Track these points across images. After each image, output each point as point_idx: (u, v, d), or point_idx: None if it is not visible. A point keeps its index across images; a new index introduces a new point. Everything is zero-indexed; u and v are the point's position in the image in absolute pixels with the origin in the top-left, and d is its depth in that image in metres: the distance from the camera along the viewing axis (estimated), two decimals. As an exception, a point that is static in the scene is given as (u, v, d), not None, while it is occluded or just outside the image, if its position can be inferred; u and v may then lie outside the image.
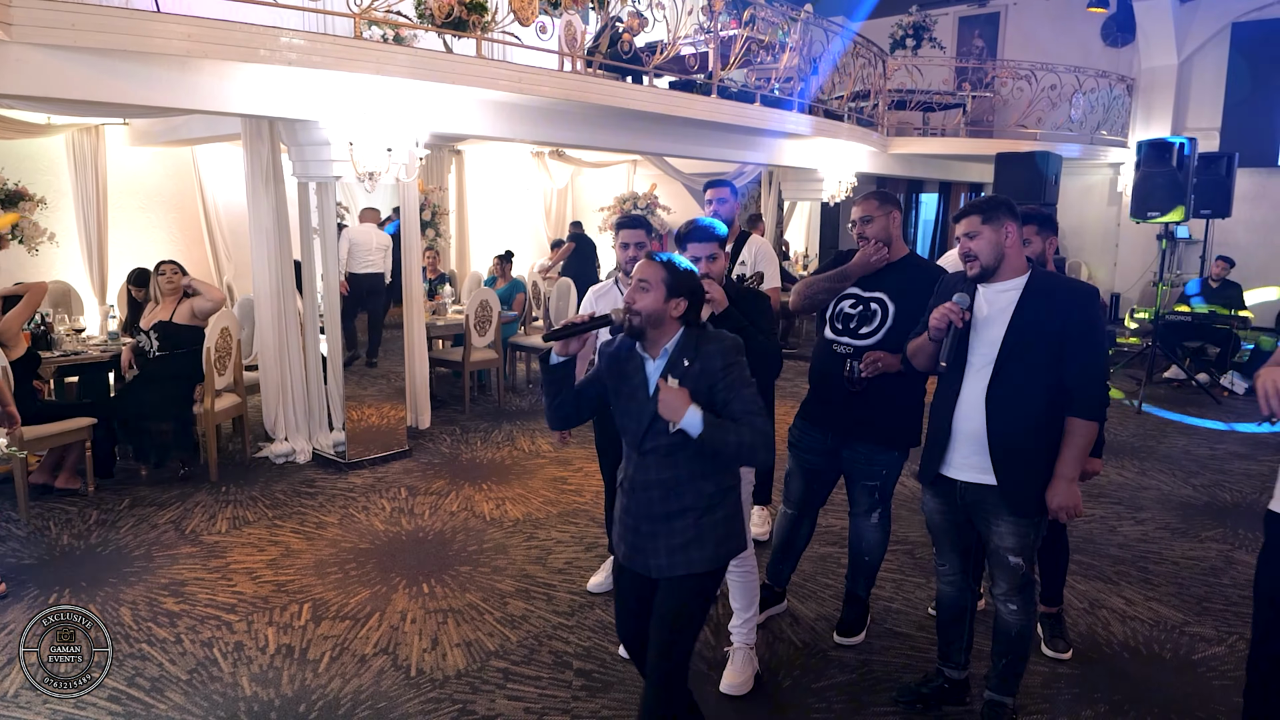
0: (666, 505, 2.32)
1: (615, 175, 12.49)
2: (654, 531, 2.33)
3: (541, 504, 5.06)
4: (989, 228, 2.61)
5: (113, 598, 3.77)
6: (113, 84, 4.45)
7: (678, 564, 2.31)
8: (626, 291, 2.33)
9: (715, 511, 2.33)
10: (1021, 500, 2.63)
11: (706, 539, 2.31)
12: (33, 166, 7.41)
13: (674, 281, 2.28)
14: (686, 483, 2.30)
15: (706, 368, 2.26)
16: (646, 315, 2.27)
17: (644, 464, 2.34)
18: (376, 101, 5.36)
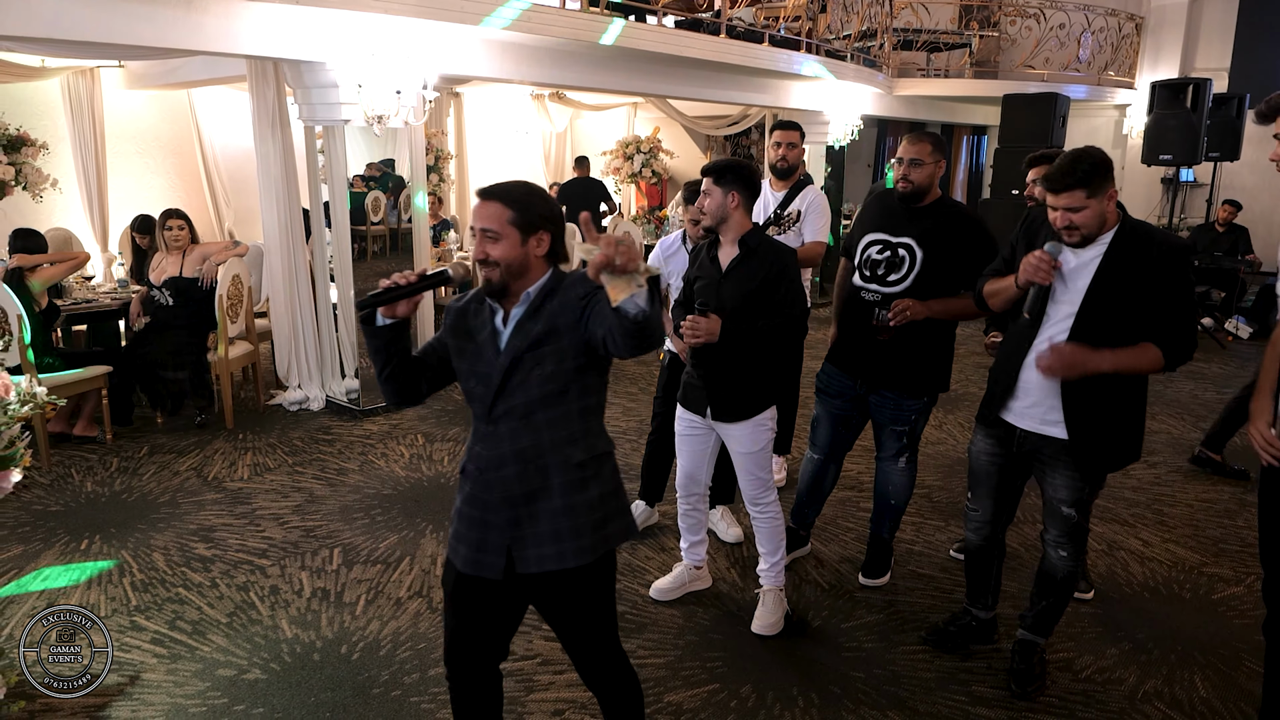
0: (527, 483, 1.91)
1: (615, 118, 12.30)
2: (515, 518, 1.92)
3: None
4: (1095, 199, 2.43)
5: (144, 543, 3.80)
6: (115, 24, 4.33)
7: (547, 557, 1.92)
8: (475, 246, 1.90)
9: (588, 488, 1.94)
10: (1090, 457, 2.60)
11: (582, 526, 1.92)
12: (29, 111, 7.25)
13: (527, 215, 1.87)
14: (549, 450, 1.90)
15: (567, 298, 1.89)
16: (505, 266, 1.86)
17: (495, 435, 1.92)
18: (385, 42, 5.23)
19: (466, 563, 1.98)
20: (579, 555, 1.92)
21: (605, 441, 2.01)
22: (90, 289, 6.11)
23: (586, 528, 1.93)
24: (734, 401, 3.03)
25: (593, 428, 1.97)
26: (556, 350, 1.88)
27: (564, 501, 1.92)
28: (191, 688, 2.80)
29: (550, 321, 1.88)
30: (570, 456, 1.92)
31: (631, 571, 3.62)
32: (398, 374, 2.00)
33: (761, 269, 2.93)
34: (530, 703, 2.75)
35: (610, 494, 2.00)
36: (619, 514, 2.03)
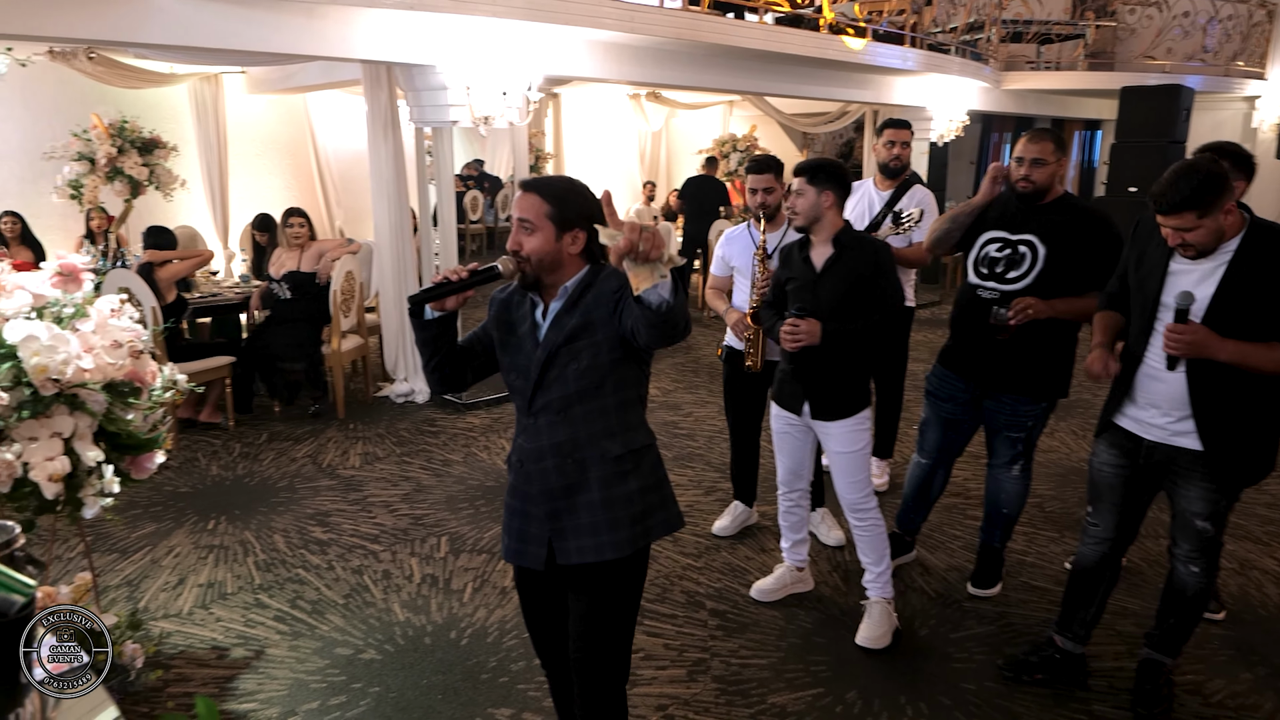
0: (565, 476, 1.91)
1: (711, 117, 12.28)
2: (554, 511, 1.93)
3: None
4: (1209, 218, 2.27)
5: (265, 525, 4.00)
6: (244, 31, 4.57)
7: (586, 549, 1.91)
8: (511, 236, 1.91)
9: (627, 481, 1.92)
10: (1227, 469, 2.46)
11: (620, 518, 1.90)
12: (160, 115, 7.70)
13: (562, 212, 1.86)
14: (587, 444, 1.90)
15: (601, 291, 1.87)
16: (537, 260, 1.87)
17: (535, 428, 1.93)
18: (491, 45, 5.36)
19: (510, 553, 2.04)
20: (616, 548, 1.91)
21: (645, 434, 1.99)
22: (215, 283, 6.45)
23: (624, 521, 1.91)
24: (832, 400, 2.99)
25: (631, 421, 1.94)
26: (592, 344, 1.87)
27: (602, 494, 1.91)
28: (312, 664, 2.93)
29: (586, 315, 1.87)
30: (608, 450, 1.90)
31: (731, 571, 3.60)
32: (444, 364, 2.01)
33: (857, 266, 2.90)
34: (634, 697, 2.77)
35: (650, 487, 1.98)
36: (660, 506, 2.00)
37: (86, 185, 6.38)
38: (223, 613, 3.26)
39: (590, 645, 1.99)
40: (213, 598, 3.37)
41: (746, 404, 3.80)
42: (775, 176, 3.54)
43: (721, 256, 3.76)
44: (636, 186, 12.40)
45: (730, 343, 3.75)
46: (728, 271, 3.75)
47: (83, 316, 2.35)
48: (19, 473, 2.17)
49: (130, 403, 2.43)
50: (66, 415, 2.25)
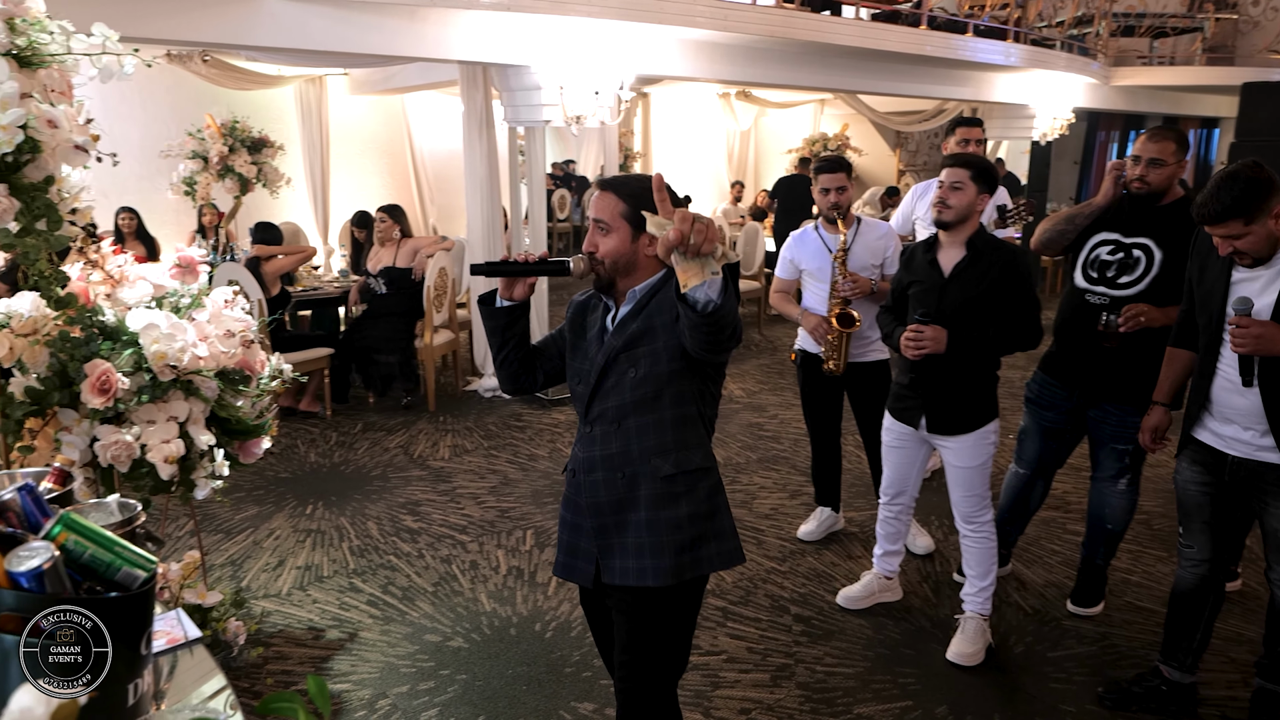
0: (614, 490, 1.82)
1: (801, 116, 12.12)
2: (602, 526, 1.84)
3: (740, 449, 5.08)
4: (1258, 224, 2.19)
5: (359, 512, 4.13)
6: (348, 34, 4.73)
7: (629, 571, 1.81)
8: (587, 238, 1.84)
9: (677, 504, 1.80)
10: None
11: (664, 544, 1.79)
12: (267, 115, 8.04)
13: (638, 211, 1.74)
14: (639, 460, 1.80)
15: (666, 296, 1.78)
16: (611, 262, 1.79)
17: (590, 437, 1.86)
18: (585, 45, 5.40)
19: (559, 567, 1.95)
20: (658, 575, 1.78)
21: (703, 457, 1.83)
22: (316, 278, 6.70)
23: (670, 548, 1.79)
24: (953, 413, 2.87)
25: (688, 440, 1.81)
26: (651, 352, 1.77)
27: (649, 515, 1.79)
28: (402, 649, 3.01)
29: (648, 320, 1.78)
30: (659, 468, 1.79)
31: (817, 577, 3.54)
32: (513, 359, 1.94)
33: (990, 271, 2.76)
34: (716, 698, 2.75)
35: (703, 515, 1.82)
36: (714, 537, 1.84)
37: (199, 182, 6.71)
38: (319, 595, 3.38)
39: (629, 676, 1.87)
40: (310, 580, 3.50)
41: (825, 407, 3.73)
42: (847, 176, 3.49)
43: (789, 259, 3.69)
44: (724, 186, 12.33)
45: (804, 345, 3.68)
46: (795, 274, 3.70)
47: (198, 307, 2.46)
48: (137, 454, 2.29)
49: (240, 390, 2.54)
50: (182, 400, 2.36)
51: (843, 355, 3.47)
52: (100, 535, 1.12)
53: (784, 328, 8.48)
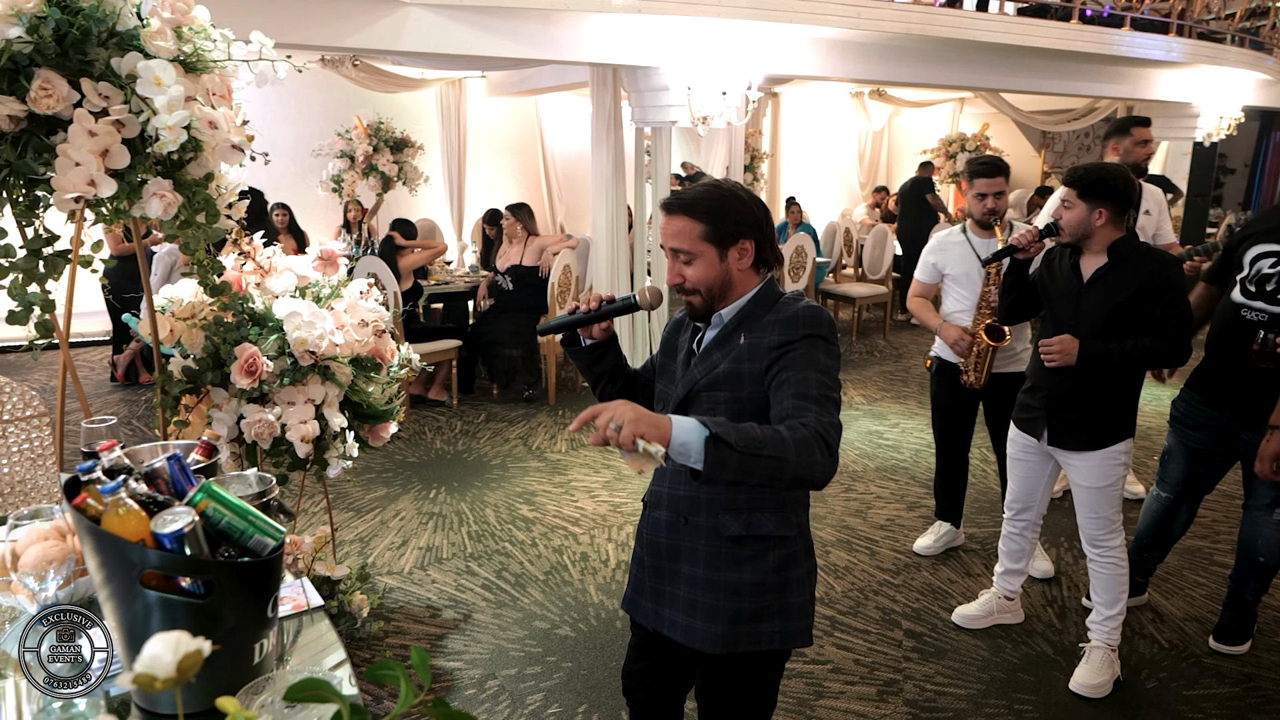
0: (674, 536, 1.68)
1: (938, 115, 11.69)
2: (658, 569, 1.71)
3: (857, 457, 4.96)
4: None
5: (479, 499, 4.29)
6: (486, 38, 4.90)
7: (677, 625, 1.68)
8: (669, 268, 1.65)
9: (740, 570, 1.62)
10: None
11: (719, 608, 1.62)
12: (409, 117, 8.44)
13: (721, 225, 1.57)
14: (705, 510, 1.63)
15: (756, 346, 1.57)
16: (706, 289, 1.60)
17: (663, 471, 1.70)
18: (714, 45, 5.41)
19: (626, 601, 1.83)
20: (706, 641, 1.63)
21: (779, 524, 1.62)
22: (448, 272, 6.99)
23: (724, 615, 1.62)
24: (1079, 428, 2.70)
25: (763, 501, 1.61)
26: (735, 399, 1.58)
27: (707, 574, 1.63)
28: (513, 633, 3.11)
29: (736, 364, 1.58)
30: (725, 526, 1.61)
31: (932, 593, 3.42)
32: (609, 392, 1.82)
33: (1135, 279, 2.56)
34: (819, 708, 2.70)
35: (770, 587, 1.63)
36: (779, 615, 1.64)
37: (346, 180, 7.13)
38: (438, 575, 3.54)
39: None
40: (430, 561, 3.66)
41: (957, 419, 3.59)
42: (1006, 180, 3.31)
43: (933, 264, 3.53)
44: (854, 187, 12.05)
45: (940, 353, 3.55)
46: (937, 278, 3.54)
47: (337, 297, 2.62)
48: (278, 432, 2.46)
49: (371, 376, 2.69)
50: (319, 384, 2.52)
51: (985, 369, 3.32)
52: (236, 505, 1.22)
53: (910, 334, 8.22)
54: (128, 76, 1.94)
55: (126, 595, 1.11)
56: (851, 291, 7.97)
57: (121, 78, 1.94)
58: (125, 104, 1.93)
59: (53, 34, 1.87)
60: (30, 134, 1.92)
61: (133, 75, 1.93)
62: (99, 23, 1.92)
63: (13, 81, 1.87)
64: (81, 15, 1.90)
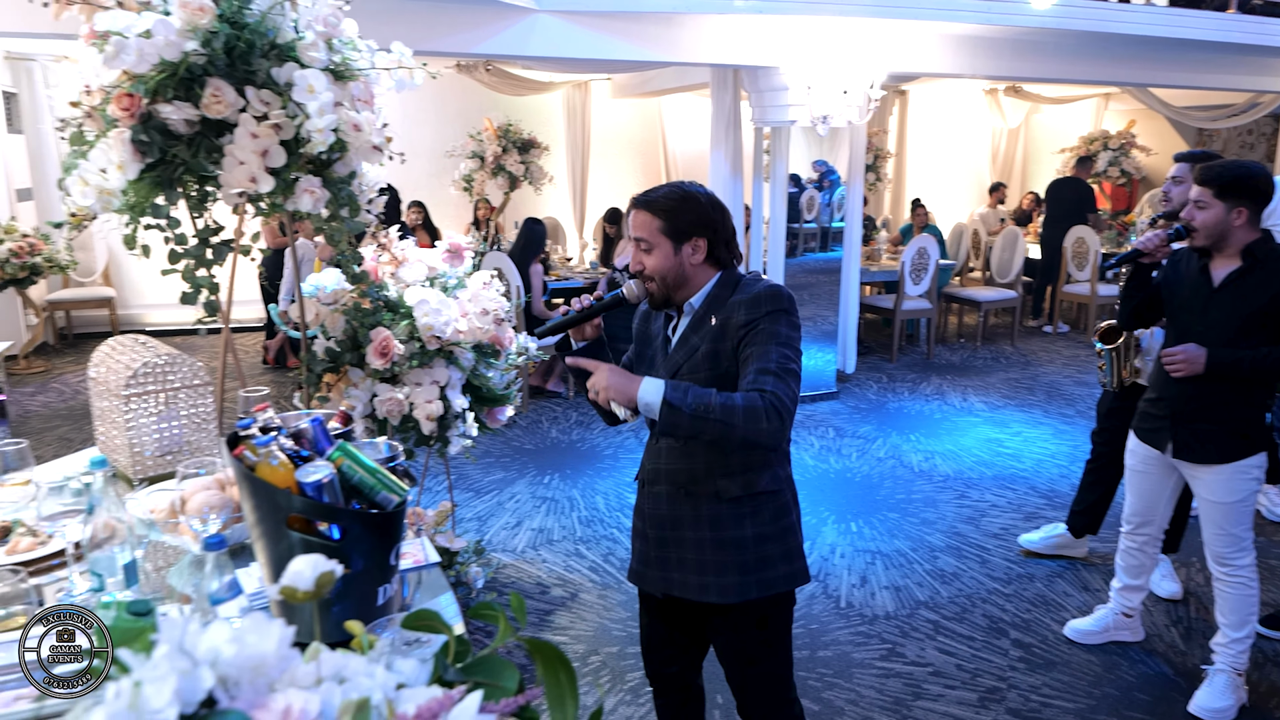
0: (675, 507, 1.81)
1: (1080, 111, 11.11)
2: (663, 539, 1.84)
3: (974, 464, 4.83)
4: None
5: (590, 486, 4.45)
6: (610, 42, 5.06)
7: (690, 586, 1.81)
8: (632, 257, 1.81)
9: (742, 526, 1.77)
10: None
11: (728, 563, 1.77)
12: (536, 119, 8.76)
13: (675, 223, 1.74)
14: (702, 479, 1.78)
15: (726, 325, 1.72)
16: (660, 277, 1.76)
17: (656, 450, 1.86)
18: (836, 43, 5.38)
19: (632, 573, 1.96)
20: (721, 593, 1.78)
21: (770, 479, 1.79)
22: (569, 269, 7.22)
23: (733, 567, 1.77)
24: (1206, 441, 2.57)
25: (754, 461, 1.77)
26: (714, 376, 1.73)
27: (712, 534, 1.78)
28: (616, 615, 3.23)
29: (713, 343, 1.73)
30: (724, 490, 1.76)
31: (1044, 604, 3.32)
32: None
33: (1272, 284, 2.42)
34: (916, 709, 2.69)
35: (770, 536, 1.79)
36: (783, 559, 1.80)
37: (476, 179, 7.48)
38: (548, 555, 3.70)
39: (736, 680, 1.91)
40: (541, 541, 3.84)
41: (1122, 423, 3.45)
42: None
43: None
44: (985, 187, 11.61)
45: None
46: None
47: (462, 287, 2.81)
48: (406, 410, 2.67)
49: (491, 362, 2.86)
50: (444, 367, 2.71)
51: (1115, 373, 3.20)
52: (367, 464, 1.37)
53: (1041, 341, 7.90)
54: (285, 84, 2.16)
55: (274, 535, 1.28)
56: (977, 295, 7.72)
57: (280, 85, 2.17)
58: (282, 109, 2.15)
59: (223, 47, 2.10)
60: (202, 136, 2.16)
61: (289, 83, 2.15)
62: (262, 36, 2.15)
63: (189, 89, 2.12)
64: (248, 30, 2.13)
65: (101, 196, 2.11)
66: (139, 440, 2.02)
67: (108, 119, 2.08)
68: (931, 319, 7.33)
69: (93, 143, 2.16)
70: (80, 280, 7.64)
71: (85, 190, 2.11)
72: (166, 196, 2.17)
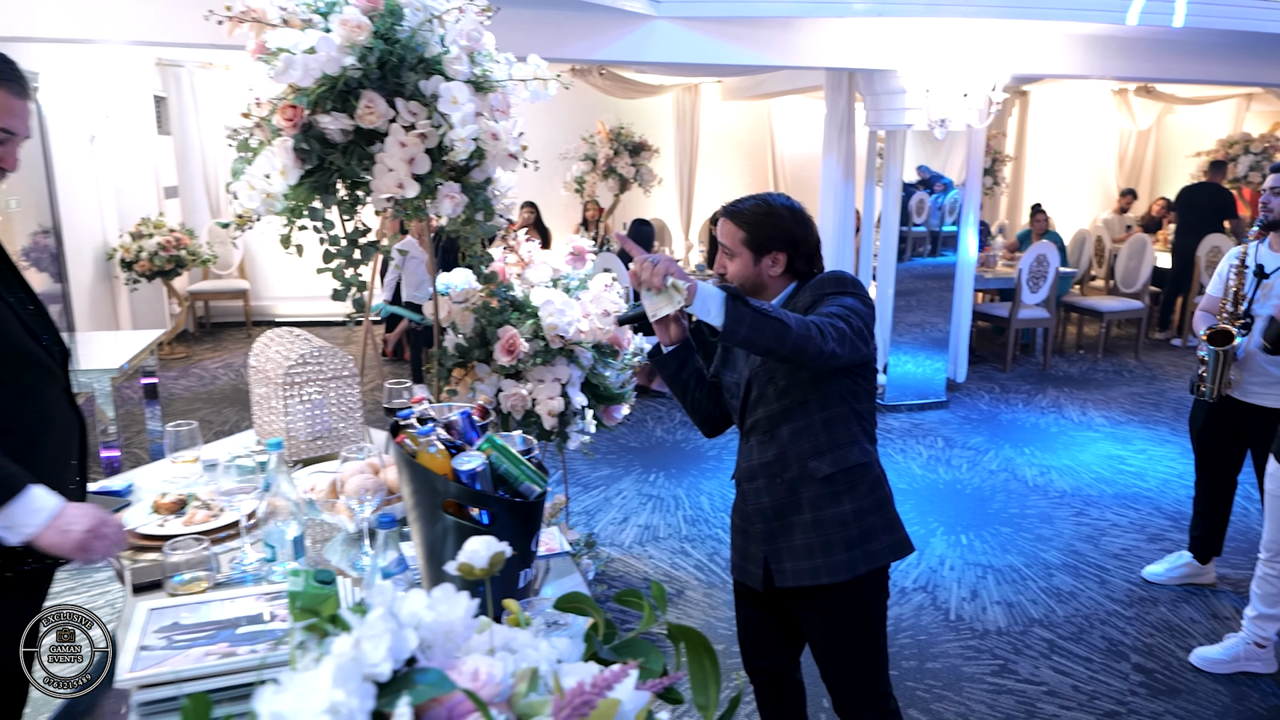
0: (775, 495, 1.88)
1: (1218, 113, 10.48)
2: (769, 531, 1.89)
3: (1093, 480, 4.66)
4: None
5: (694, 486, 4.51)
6: (726, 47, 5.10)
7: (802, 571, 1.86)
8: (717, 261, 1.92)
9: (840, 502, 1.84)
10: None
11: (834, 540, 1.83)
12: (646, 121, 8.87)
13: (757, 236, 1.83)
14: (795, 463, 1.85)
15: (794, 308, 1.83)
16: (740, 285, 1.86)
17: (747, 448, 1.94)
18: (957, 46, 5.26)
19: (733, 568, 2.04)
20: (832, 572, 1.83)
21: (859, 453, 1.86)
22: (676, 270, 7.29)
23: (839, 543, 1.84)
24: None
25: (840, 438, 1.84)
26: (792, 381, 1.83)
27: (813, 515, 1.85)
28: (721, 613, 3.28)
29: None
30: (816, 470, 1.83)
31: (1168, 630, 3.20)
32: (701, 401, 2.00)
33: None
34: (1029, 728, 2.65)
35: (869, 509, 1.86)
36: (884, 530, 1.88)
37: (587, 181, 7.64)
38: (654, 552, 3.78)
39: (833, 672, 1.96)
40: (648, 538, 3.92)
41: (1213, 442, 3.30)
42: None
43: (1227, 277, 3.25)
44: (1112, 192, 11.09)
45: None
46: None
47: (584, 289, 2.91)
48: (529, 405, 2.79)
49: (609, 362, 2.96)
50: (565, 365, 2.82)
51: (1217, 381, 3.06)
52: (513, 455, 1.47)
53: (1169, 354, 7.52)
54: (431, 96, 2.30)
55: (431, 518, 1.39)
56: (1099, 305, 7.41)
57: (426, 97, 2.31)
58: (428, 119, 2.29)
59: (376, 61, 2.26)
60: (355, 144, 2.32)
61: (435, 95, 2.29)
62: (412, 51, 2.30)
63: (344, 101, 2.28)
64: (399, 45, 2.28)
65: (265, 200, 2.29)
66: (294, 425, 2.19)
67: (273, 128, 2.27)
68: (1049, 329, 7.07)
69: (257, 150, 2.35)
70: (219, 273, 8.18)
71: (251, 194, 2.30)
72: (322, 200, 2.34)
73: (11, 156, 1.53)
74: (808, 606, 1.93)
